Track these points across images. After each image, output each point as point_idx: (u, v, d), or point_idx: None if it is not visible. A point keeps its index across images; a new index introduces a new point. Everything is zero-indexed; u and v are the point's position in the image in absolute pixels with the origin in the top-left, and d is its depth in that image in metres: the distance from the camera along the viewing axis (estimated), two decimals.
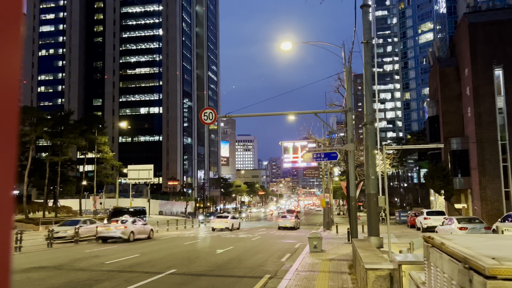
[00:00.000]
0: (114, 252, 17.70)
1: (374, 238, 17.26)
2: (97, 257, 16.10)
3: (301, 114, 23.58)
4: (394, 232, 28.57)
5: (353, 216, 16.69)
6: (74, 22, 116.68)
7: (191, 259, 15.18)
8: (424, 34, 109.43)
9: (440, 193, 30.20)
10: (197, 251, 18.18)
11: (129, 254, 16.91)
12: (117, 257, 15.79)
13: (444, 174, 29.40)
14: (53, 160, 39.21)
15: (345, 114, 18.68)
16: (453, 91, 33.11)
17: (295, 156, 40.07)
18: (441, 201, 36.79)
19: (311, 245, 16.55)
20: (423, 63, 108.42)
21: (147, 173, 49.44)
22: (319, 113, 17.18)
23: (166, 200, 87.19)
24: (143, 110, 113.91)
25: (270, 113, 18.38)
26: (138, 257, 15.86)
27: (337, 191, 75.29)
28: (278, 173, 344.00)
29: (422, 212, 28.82)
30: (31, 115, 34.58)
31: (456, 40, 33.89)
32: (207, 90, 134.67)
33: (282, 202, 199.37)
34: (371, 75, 19.32)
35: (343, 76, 19.46)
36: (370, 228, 17.49)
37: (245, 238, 25.56)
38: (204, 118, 18.15)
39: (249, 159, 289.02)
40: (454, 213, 30.07)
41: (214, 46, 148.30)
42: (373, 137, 18.43)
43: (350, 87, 17.11)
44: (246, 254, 16.76)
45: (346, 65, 17.91)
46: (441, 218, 27.47)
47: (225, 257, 15.69)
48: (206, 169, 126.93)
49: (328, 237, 24.60)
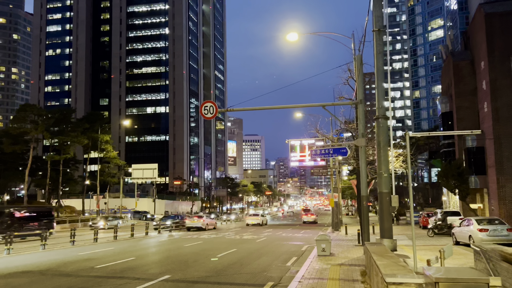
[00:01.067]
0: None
1: (387, 241, 15.96)
2: (88, 260, 15.03)
3: (309, 110, 22.38)
4: (406, 234, 27.19)
5: (365, 217, 15.42)
6: (80, 21, 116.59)
7: (189, 263, 14.03)
8: (434, 31, 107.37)
9: (455, 193, 28.68)
10: (196, 253, 17.03)
11: (124, 257, 15.81)
12: (109, 261, 14.70)
13: (459, 173, 27.90)
14: (54, 159, 38.31)
15: (356, 106, 17.40)
16: (468, 86, 31.56)
17: (302, 154, 38.77)
18: (455, 201, 35.25)
19: (319, 248, 15.31)
20: (433, 61, 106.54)
21: (152, 172, 48.49)
22: (327, 105, 15.93)
23: (172, 200, 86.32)
24: (149, 110, 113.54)
25: (275, 106, 17.18)
26: (134, 261, 14.76)
27: (345, 190, 73.90)
28: (286, 173, 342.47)
29: (436, 213, 27.36)
30: (31, 113, 33.70)
31: (471, 33, 32.33)
32: (214, 90, 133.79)
33: (290, 202, 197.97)
34: (383, 65, 18.05)
35: (353, 67, 18.19)
36: (383, 230, 16.20)
37: (250, 240, 24.38)
38: (205, 112, 17.02)
39: (256, 159, 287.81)
40: (470, 213, 28.58)
41: (221, 45, 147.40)
42: (385, 131, 17.10)
43: (361, 77, 15.84)
44: (249, 258, 15.57)
45: (356, 54, 16.63)
46: (457, 219, 26.04)
47: (226, 261, 14.52)
48: (213, 169, 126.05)
49: (337, 239, 23.32)
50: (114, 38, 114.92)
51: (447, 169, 28.42)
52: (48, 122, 36.81)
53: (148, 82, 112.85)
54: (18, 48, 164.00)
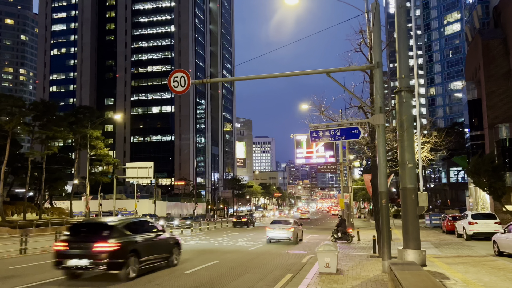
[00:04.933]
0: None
1: (414, 252, 11.79)
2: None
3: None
4: (429, 240, 23.00)
5: (384, 219, 11.38)
6: (85, 20, 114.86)
7: (141, 284, 10.20)
8: (451, 25, 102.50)
9: (489, 192, 24.28)
10: (162, 267, 13.16)
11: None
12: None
13: (493, 168, 23.60)
14: (34, 155, 34.91)
15: (371, 72, 13.38)
16: (500, 68, 27.22)
17: (308, 151, 34.66)
18: (484, 202, 30.82)
19: (322, 263, 11.32)
20: (450, 56, 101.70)
21: (147, 171, 44.83)
22: (333, 72, 11.96)
23: (175, 201, 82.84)
24: (155, 109, 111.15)
25: (267, 75, 13.26)
26: None
27: (357, 192, 69.64)
28: (297, 175, 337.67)
29: (466, 215, 23.06)
30: (6, 104, 30.36)
31: (503, 7, 28.01)
32: (221, 89, 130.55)
33: (300, 204, 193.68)
34: (406, 22, 13.94)
35: (366, 28, 14.17)
36: (407, 237, 12.02)
37: (242, 248, 20.43)
38: (174, 84, 13.23)
39: (267, 161, 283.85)
40: (505, 216, 24.23)
41: (229, 44, 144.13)
42: (410, 108, 13.09)
43: (378, 33, 11.85)
44: (229, 275, 11.66)
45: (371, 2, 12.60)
46: (492, 223, 21.78)
47: (194, 281, 10.66)
48: (220, 170, 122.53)
49: (347, 247, 19.26)
50: (119, 37, 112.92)
51: (479, 164, 24.04)
52: (26, 114, 33.53)
53: (153, 81, 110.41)
54: (26, 49, 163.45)
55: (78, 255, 10.16)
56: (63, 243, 10.64)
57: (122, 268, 10.33)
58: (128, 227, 11.33)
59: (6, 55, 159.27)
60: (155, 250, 12.08)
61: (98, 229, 11.03)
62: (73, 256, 10.20)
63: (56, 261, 10.50)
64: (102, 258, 10.06)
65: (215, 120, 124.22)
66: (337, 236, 22.75)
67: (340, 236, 22.64)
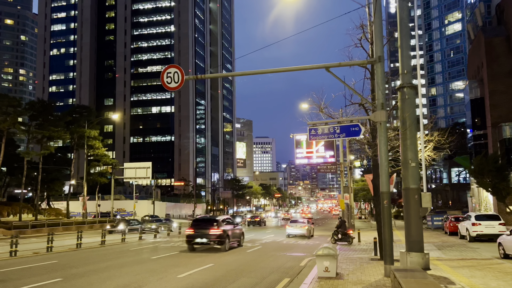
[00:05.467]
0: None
1: (417, 255, 11.24)
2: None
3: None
4: (432, 242, 22.45)
5: (386, 221, 10.86)
6: (85, 20, 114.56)
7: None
8: (452, 25, 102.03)
9: (491, 192, 23.76)
10: (157, 271, 12.66)
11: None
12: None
13: (497, 168, 23.08)
14: (30, 155, 34.40)
15: (371, 68, 12.87)
16: (503, 66, 26.69)
17: (308, 150, 34.11)
18: (487, 203, 30.28)
19: (320, 267, 10.81)
20: (451, 56, 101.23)
21: (145, 172, 44.33)
22: (333, 67, 11.45)
23: (175, 202, 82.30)
24: (154, 110, 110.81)
25: (265, 70, 12.78)
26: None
27: (357, 192, 69.12)
28: (298, 176, 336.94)
29: (469, 216, 22.52)
30: (1, 103, 29.85)
31: (506, 4, 27.49)
32: (221, 89, 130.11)
33: (301, 205, 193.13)
34: (408, 16, 13.43)
35: (367, 22, 13.66)
36: (410, 240, 11.49)
37: (240, 249, 19.91)
38: (167, 80, 12.73)
39: (267, 161, 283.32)
40: (510, 217, 23.70)
41: (229, 44, 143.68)
42: (412, 105, 12.56)
43: (380, 25, 11.34)
44: (223, 280, 11.14)
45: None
46: (496, 224, 21.24)
47: (186, 284, 10.15)
48: (220, 171, 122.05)
49: (347, 249, 18.74)
50: (119, 37, 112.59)
51: (482, 164, 23.51)
52: (22, 113, 33.00)
53: (153, 81, 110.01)
54: (25, 50, 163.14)
55: (200, 236, 17.74)
56: (191, 229, 18.18)
57: (223, 244, 18.05)
58: (224, 221, 19.10)
59: (6, 55, 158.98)
60: (234, 236, 19.74)
61: (210, 221, 18.56)
62: (198, 236, 17.78)
63: (187, 240, 18.06)
64: (213, 238, 17.73)
65: (215, 120, 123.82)
66: (337, 238, 22.31)
67: (340, 237, 22.18)
